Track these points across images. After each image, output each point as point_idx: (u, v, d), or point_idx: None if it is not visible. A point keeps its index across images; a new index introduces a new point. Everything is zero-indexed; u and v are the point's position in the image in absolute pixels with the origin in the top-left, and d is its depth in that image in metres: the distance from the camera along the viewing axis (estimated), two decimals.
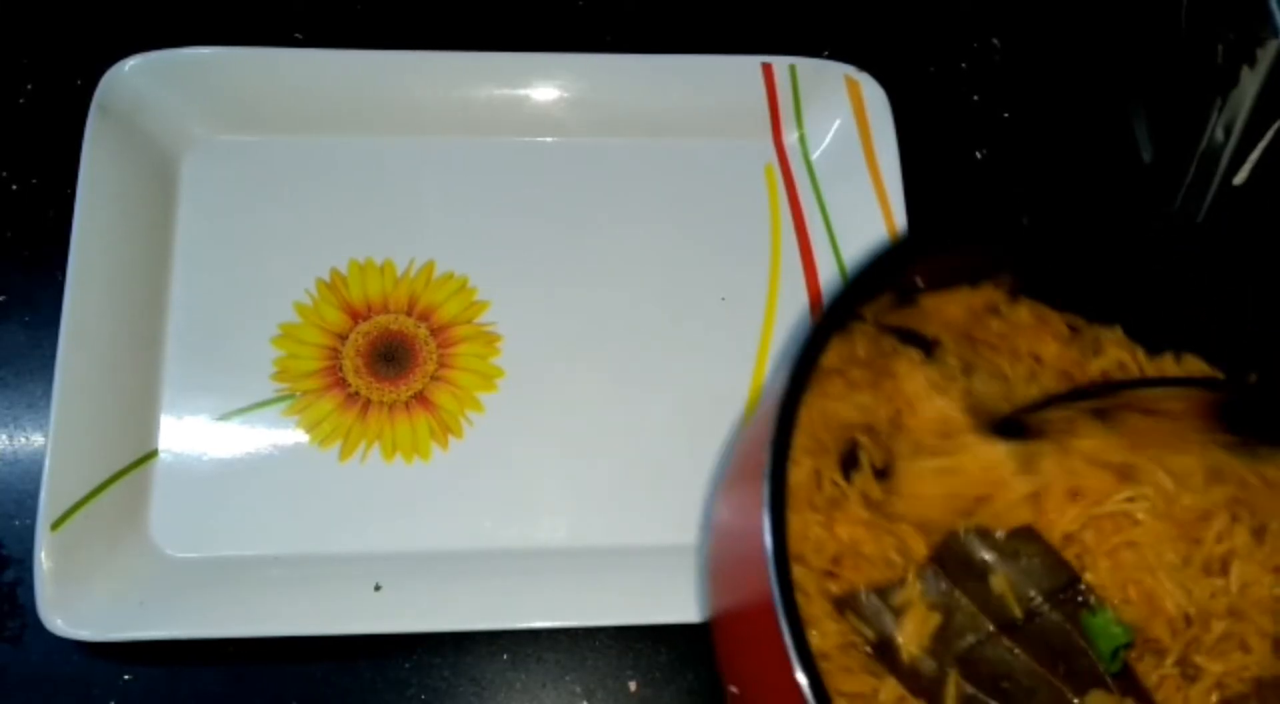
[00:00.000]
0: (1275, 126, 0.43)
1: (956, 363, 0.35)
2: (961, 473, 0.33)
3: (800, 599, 0.30)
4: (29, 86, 0.50)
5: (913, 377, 0.34)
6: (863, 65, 0.50)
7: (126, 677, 0.41)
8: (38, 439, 0.45)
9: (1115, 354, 0.36)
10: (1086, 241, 0.34)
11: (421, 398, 0.45)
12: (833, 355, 0.33)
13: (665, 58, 0.49)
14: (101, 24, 0.51)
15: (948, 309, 0.35)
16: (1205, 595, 0.34)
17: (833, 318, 0.29)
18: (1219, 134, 0.45)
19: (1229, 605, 0.34)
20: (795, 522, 0.32)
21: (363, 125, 0.48)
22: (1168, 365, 0.36)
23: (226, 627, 0.40)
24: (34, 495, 0.40)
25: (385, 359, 0.46)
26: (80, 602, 0.40)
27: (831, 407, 0.34)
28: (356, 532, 0.43)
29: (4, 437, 0.45)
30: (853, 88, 0.49)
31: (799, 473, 0.33)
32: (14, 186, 0.48)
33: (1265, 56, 0.41)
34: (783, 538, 0.25)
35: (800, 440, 0.33)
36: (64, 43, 0.51)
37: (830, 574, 0.33)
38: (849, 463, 0.34)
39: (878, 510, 0.33)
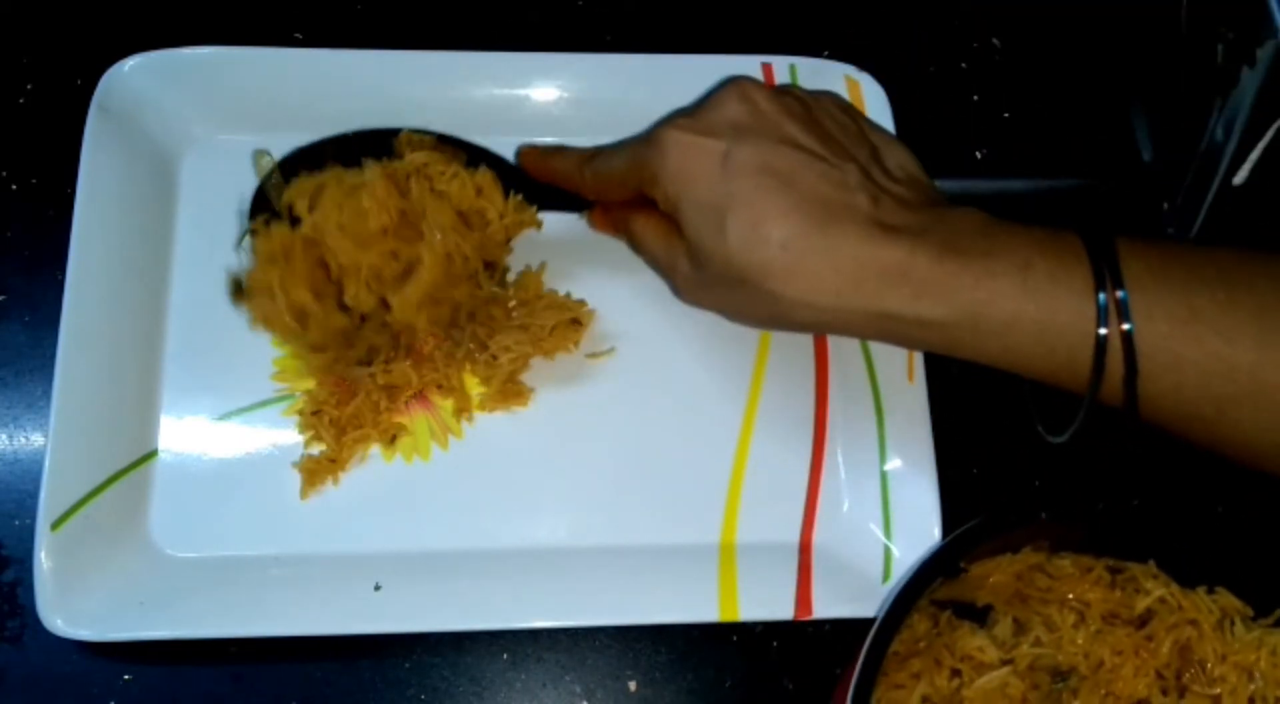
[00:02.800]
0: (1275, 126, 0.43)
1: (1009, 627, 0.38)
2: None
3: None
4: (29, 86, 0.50)
5: (970, 651, 0.37)
6: (863, 65, 0.50)
7: (126, 677, 0.41)
8: (38, 439, 0.45)
9: (1156, 592, 0.38)
10: (1106, 521, 0.38)
11: (421, 398, 0.45)
12: (895, 641, 0.36)
13: (665, 58, 0.49)
14: (101, 24, 0.51)
15: (994, 576, 0.38)
16: None
17: (890, 625, 0.34)
18: (1219, 134, 0.45)
19: None
20: None
21: (363, 125, 0.48)
22: (1201, 600, 0.38)
23: (226, 627, 0.40)
24: (34, 495, 0.41)
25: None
26: (80, 602, 0.40)
27: (899, 697, 0.37)
28: (356, 532, 0.43)
29: (4, 437, 0.45)
30: (853, 88, 0.49)
31: None
32: (14, 186, 0.48)
33: (1265, 56, 0.41)
34: None
35: None
36: (64, 43, 0.51)
37: None
38: None
39: None
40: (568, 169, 0.45)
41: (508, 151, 0.49)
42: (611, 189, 0.43)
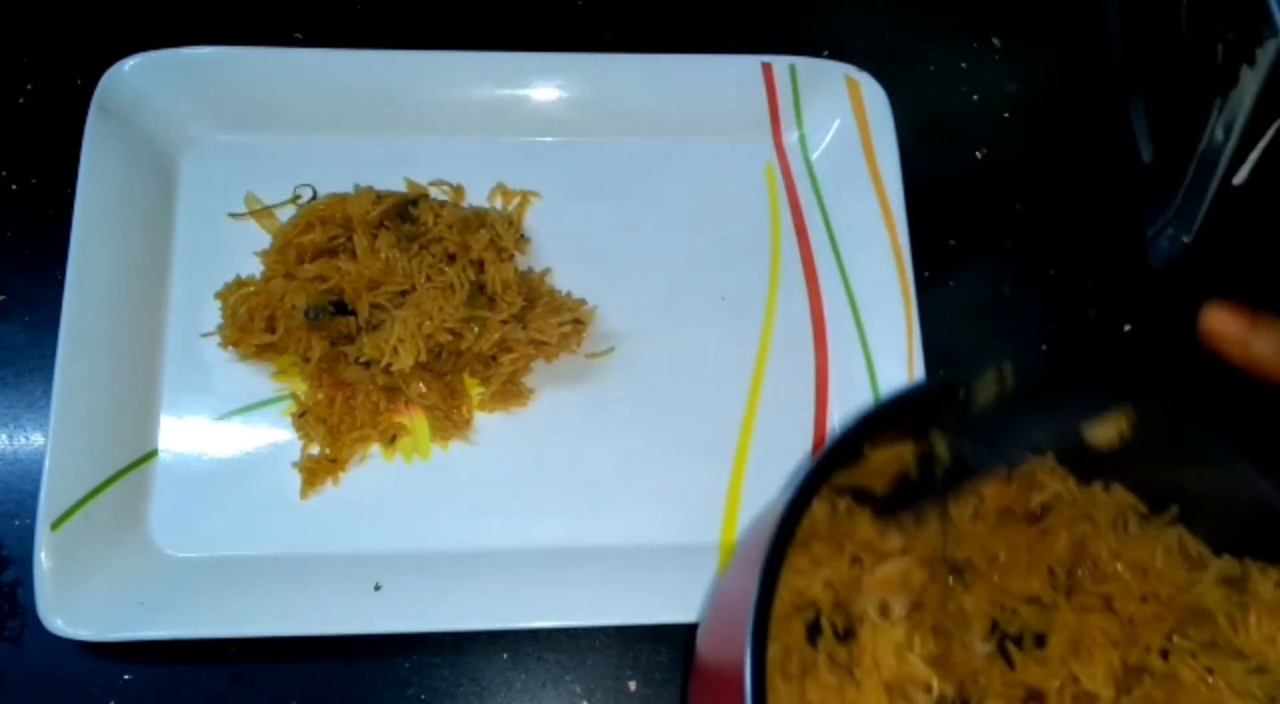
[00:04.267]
0: (1275, 126, 0.43)
1: (910, 517, 0.37)
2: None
3: None
4: (29, 86, 0.50)
5: (871, 539, 0.36)
6: (863, 65, 0.50)
7: (126, 677, 0.41)
8: (38, 439, 0.45)
9: (1052, 487, 0.37)
10: (1009, 411, 0.36)
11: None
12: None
13: (665, 58, 0.49)
14: (101, 24, 0.51)
15: (895, 464, 0.37)
16: None
17: (804, 497, 0.31)
18: (1219, 134, 0.45)
19: None
20: (770, 698, 0.33)
21: (363, 125, 0.48)
22: (1098, 495, 0.37)
23: (226, 627, 0.40)
24: (34, 495, 0.40)
25: None
26: (80, 602, 0.40)
27: (800, 583, 0.36)
28: (356, 532, 0.43)
29: (4, 437, 0.45)
30: (853, 88, 0.49)
31: (772, 650, 0.34)
32: (14, 186, 0.48)
33: (1265, 56, 0.41)
34: None
35: (772, 623, 0.34)
36: (64, 43, 0.51)
37: None
38: (814, 630, 0.36)
39: (845, 671, 0.35)
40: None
41: (507, 151, 0.49)
42: None
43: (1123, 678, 0.36)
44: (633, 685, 0.43)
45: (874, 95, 0.49)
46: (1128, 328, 0.49)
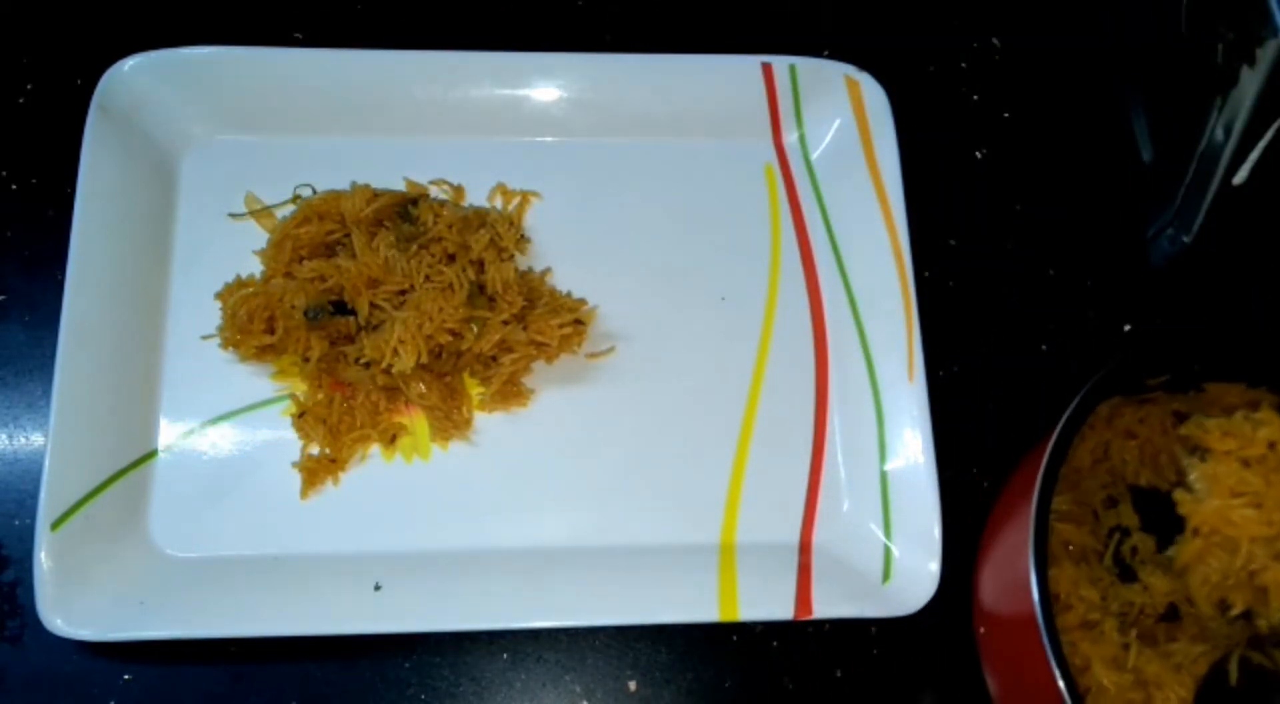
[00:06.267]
0: (1275, 126, 0.43)
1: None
2: None
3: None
4: (29, 86, 0.50)
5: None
6: (863, 65, 0.50)
7: (126, 677, 0.41)
8: (38, 439, 0.45)
9: None
10: None
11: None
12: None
13: (665, 58, 0.49)
14: (101, 24, 0.51)
15: (1227, 398, 0.40)
16: None
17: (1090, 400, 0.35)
18: (1219, 134, 0.45)
19: None
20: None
21: (363, 125, 0.48)
22: None
23: (226, 627, 0.40)
24: (34, 495, 0.40)
25: None
26: (80, 602, 0.40)
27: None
28: (356, 532, 0.43)
29: (4, 437, 0.45)
30: (853, 88, 0.49)
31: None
32: (14, 186, 0.48)
33: (1265, 56, 0.41)
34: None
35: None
36: (64, 43, 0.51)
37: None
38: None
39: None
40: None
41: (507, 151, 0.49)
42: None
43: None
44: (633, 685, 0.43)
45: (874, 95, 0.49)
46: (1127, 328, 0.49)
